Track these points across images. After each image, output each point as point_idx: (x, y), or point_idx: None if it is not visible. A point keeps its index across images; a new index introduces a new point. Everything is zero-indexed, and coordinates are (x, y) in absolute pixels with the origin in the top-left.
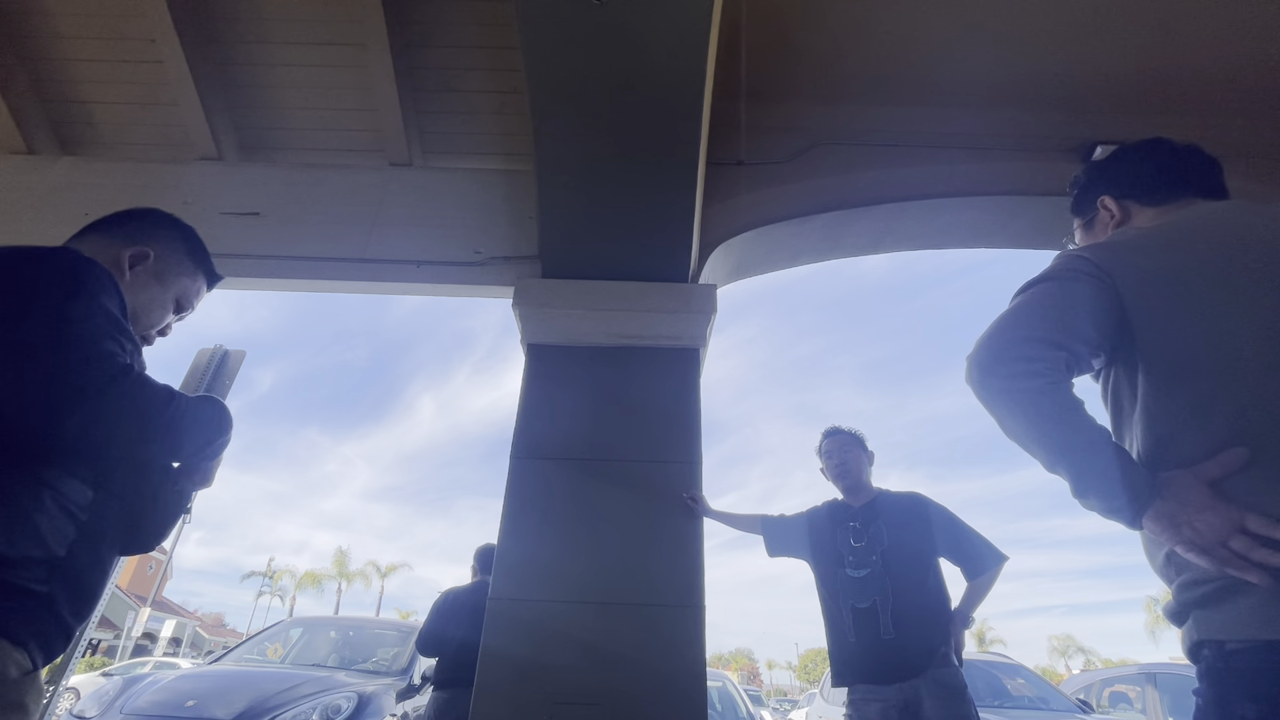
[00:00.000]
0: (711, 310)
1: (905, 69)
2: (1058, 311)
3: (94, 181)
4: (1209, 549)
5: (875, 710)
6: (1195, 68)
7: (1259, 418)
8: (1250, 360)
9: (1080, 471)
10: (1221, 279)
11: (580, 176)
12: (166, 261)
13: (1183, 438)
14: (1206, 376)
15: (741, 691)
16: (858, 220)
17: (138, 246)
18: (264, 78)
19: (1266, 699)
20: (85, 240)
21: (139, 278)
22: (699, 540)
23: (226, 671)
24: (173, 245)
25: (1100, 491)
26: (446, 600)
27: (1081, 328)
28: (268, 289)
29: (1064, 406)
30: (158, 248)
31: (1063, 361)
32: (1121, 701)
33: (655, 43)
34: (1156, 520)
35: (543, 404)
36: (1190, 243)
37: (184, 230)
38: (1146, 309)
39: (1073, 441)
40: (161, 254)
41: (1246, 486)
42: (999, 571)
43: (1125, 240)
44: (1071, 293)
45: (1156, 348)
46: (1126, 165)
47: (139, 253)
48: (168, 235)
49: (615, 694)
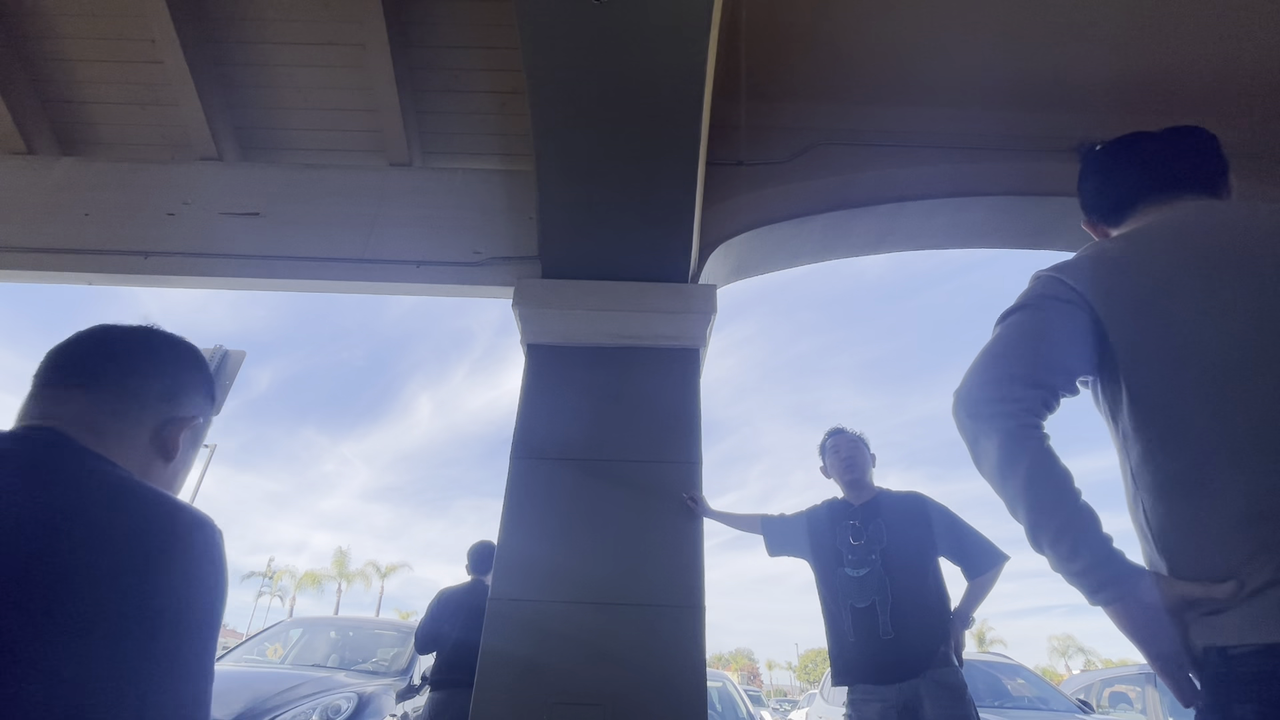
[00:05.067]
0: (711, 310)
1: (906, 69)
2: (1034, 345)
3: (94, 181)
4: (1163, 670)
5: (875, 710)
6: (1195, 67)
7: (1244, 422)
8: (1221, 367)
9: (1037, 527)
10: (1196, 286)
11: (580, 176)
12: (204, 417)
13: (1170, 449)
14: (1189, 390)
15: (741, 692)
16: (858, 220)
17: (185, 412)
18: (264, 78)
19: (1266, 701)
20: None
21: (184, 452)
22: (699, 540)
23: (226, 672)
24: (206, 397)
25: (1064, 556)
26: (442, 599)
27: (1058, 358)
28: (267, 289)
29: (1029, 450)
30: (199, 407)
31: (1037, 399)
32: (1121, 701)
33: (655, 43)
34: (1117, 616)
35: (543, 404)
36: (1160, 252)
37: (205, 365)
38: (1124, 329)
39: (1035, 494)
40: (203, 410)
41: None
42: (1000, 571)
43: (1094, 257)
44: (1046, 322)
45: (1136, 364)
46: (1086, 186)
47: (188, 420)
48: (199, 383)
49: (615, 694)
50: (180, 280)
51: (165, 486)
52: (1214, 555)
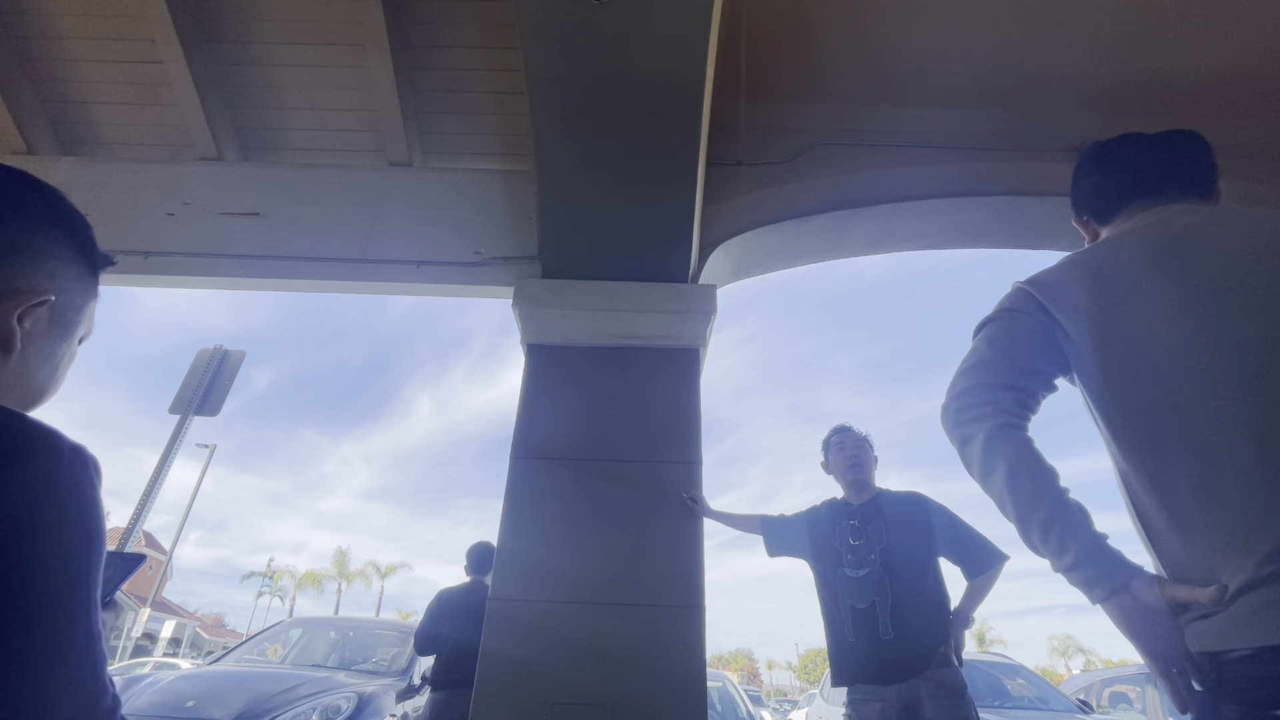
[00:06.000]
0: (711, 311)
1: (905, 69)
2: (1004, 352)
3: (94, 181)
4: (1158, 669)
5: (875, 710)
6: (1193, 68)
7: (1204, 424)
8: (1176, 367)
9: (1024, 521)
10: (1155, 292)
11: (580, 176)
12: (68, 293)
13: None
14: (1153, 391)
15: (741, 692)
16: (858, 220)
17: (23, 283)
18: (264, 78)
19: (1253, 704)
20: None
21: (35, 342)
22: (699, 540)
23: (226, 672)
24: (69, 262)
25: (1054, 551)
26: (441, 600)
27: (1029, 361)
28: (267, 289)
29: (1008, 448)
30: (56, 278)
31: (1012, 399)
32: (1121, 701)
33: (655, 43)
34: (1112, 613)
35: (543, 404)
36: (1122, 262)
37: (67, 215)
38: (1086, 336)
39: (1019, 489)
40: (62, 284)
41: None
42: (1000, 571)
43: (1067, 265)
44: (1013, 330)
45: (1098, 371)
46: (1079, 183)
47: (31, 301)
48: (54, 243)
49: (615, 694)
50: (180, 280)
51: (3, 397)
52: (1200, 558)
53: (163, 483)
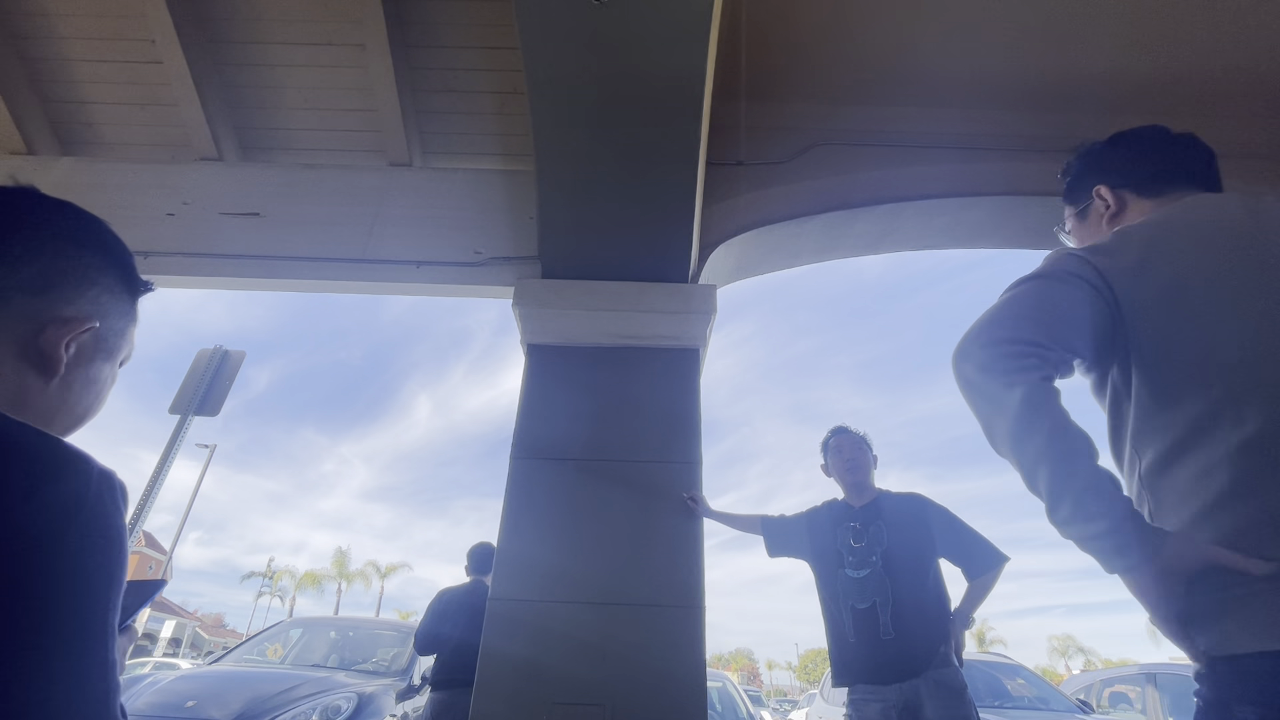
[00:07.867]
0: (711, 311)
1: (905, 69)
2: (1047, 315)
3: (94, 181)
4: (1174, 633)
5: (875, 710)
6: (1194, 68)
7: (1275, 417)
8: (1259, 361)
9: (1060, 487)
10: (1225, 278)
11: (580, 176)
12: (111, 319)
13: (1193, 447)
14: (1215, 384)
15: (741, 692)
16: (857, 220)
17: (70, 312)
18: (264, 78)
19: (1267, 705)
20: None
21: (80, 367)
22: (699, 540)
23: (226, 672)
24: (112, 290)
25: (1088, 516)
26: (442, 600)
27: (1068, 336)
28: (267, 289)
29: (1051, 406)
30: (100, 305)
31: (1058, 359)
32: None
33: (655, 43)
34: (1139, 579)
35: (543, 404)
36: (1193, 241)
37: (111, 243)
38: (1148, 319)
39: (1059, 450)
40: (106, 310)
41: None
42: (1000, 572)
43: (1126, 241)
44: (1064, 296)
45: (1158, 357)
46: (1124, 153)
47: (78, 329)
48: (99, 271)
49: (615, 694)
50: (180, 280)
51: (48, 420)
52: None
53: (162, 483)
